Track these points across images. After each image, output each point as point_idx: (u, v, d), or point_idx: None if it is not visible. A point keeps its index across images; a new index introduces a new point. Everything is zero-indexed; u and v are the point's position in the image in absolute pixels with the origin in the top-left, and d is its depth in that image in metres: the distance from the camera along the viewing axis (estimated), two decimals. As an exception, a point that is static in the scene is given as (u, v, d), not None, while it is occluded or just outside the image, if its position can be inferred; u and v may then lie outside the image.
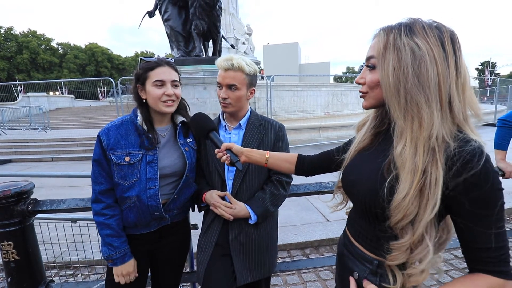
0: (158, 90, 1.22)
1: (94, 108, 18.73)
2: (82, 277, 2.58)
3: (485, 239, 0.63)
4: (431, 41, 0.65)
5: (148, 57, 1.28)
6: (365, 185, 0.78)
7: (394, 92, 0.69)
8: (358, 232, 0.85)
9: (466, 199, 0.63)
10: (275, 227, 1.46)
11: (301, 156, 1.14)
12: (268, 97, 8.18)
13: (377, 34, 0.74)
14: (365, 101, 0.81)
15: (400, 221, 0.67)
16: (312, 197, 3.73)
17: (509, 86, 14.10)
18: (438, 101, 0.66)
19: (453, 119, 0.67)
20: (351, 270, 0.85)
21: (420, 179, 0.64)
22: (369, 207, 0.75)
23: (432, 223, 0.67)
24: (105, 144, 1.21)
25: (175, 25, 9.08)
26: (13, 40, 43.26)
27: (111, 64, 52.55)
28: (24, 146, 9.19)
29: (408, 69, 0.66)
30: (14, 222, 1.30)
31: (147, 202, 1.24)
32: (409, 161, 0.66)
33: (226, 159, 1.13)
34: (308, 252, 2.96)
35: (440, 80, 0.65)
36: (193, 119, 1.27)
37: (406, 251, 0.69)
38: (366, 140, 0.87)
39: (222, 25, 11.44)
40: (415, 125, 0.67)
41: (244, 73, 1.28)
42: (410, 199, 0.64)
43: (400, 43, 0.67)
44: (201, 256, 1.34)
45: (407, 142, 0.67)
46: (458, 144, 0.64)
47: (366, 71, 0.78)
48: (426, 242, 0.66)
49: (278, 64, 37.66)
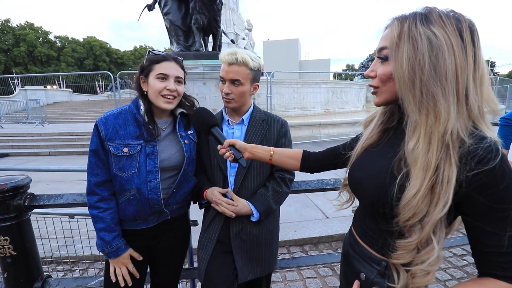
0: (160, 83, 1.20)
1: (92, 102, 18.64)
2: (80, 273, 2.56)
3: (497, 242, 0.60)
4: (448, 30, 0.61)
5: (157, 51, 1.25)
6: (372, 183, 0.75)
7: (409, 85, 0.65)
8: (365, 232, 0.83)
9: (480, 198, 0.60)
10: (277, 224, 1.45)
11: (306, 153, 1.11)
12: (268, 94, 8.16)
13: (390, 24, 0.69)
14: (378, 97, 0.77)
15: (409, 219, 0.64)
16: (311, 194, 3.73)
17: (508, 86, 14.14)
18: (455, 94, 0.62)
19: (469, 114, 0.63)
20: (358, 271, 0.82)
21: (432, 176, 0.61)
22: (376, 206, 0.73)
23: (441, 223, 0.64)
24: (103, 134, 1.18)
25: (174, 19, 8.97)
26: (10, 33, 42.84)
27: (110, 58, 52.20)
28: (21, 140, 9.13)
29: (425, 60, 0.62)
30: (10, 217, 1.28)
31: (148, 195, 1.21)
32: (422, 157, 0.63)
33: (229, 156, 1.10)
34: (307, 249, 2.96)
35: (458, 71, 0.61)
36: (194, 114, 1.24)
37: (412, 251, 0.66)
38: (374, 136, 0.84)
39: (222, 20, 11.36)
40: (430, 119, 0.63)
41: (248, 68, 1.25)
42: (421, 197, 0.62)
43: (416, 32, 0.63)
44: (202, 253, 1.33)
45: (421, 138, 0.64)
46: (473, 141, 0.61)
47: (378, 64, 0.73)
48: (434, 243, 0.64)
49: (278, 60, 37.52)
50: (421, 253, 0.65)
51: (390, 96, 0.74)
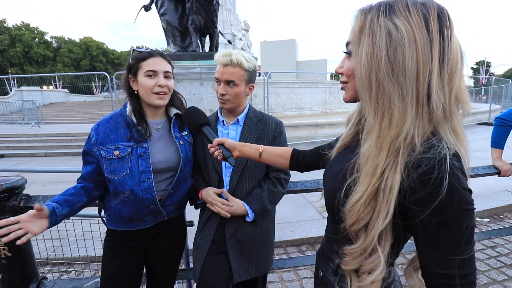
0: (150, 80, 1.20)
1: (89, 103, 18.53)
2: (76, 274, 2.55)
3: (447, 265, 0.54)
4: (413, 21, 0.54)
5: (141, 48, 1.26)
6: (328, 186, 0.74)
7: (366, 83, 0.59)
8: (327, 232, 0.83)
9: (421, 214, 0.53)
10: (272, 224, 1.45)
11: (295, 151, 1.10)
12: (265, 94, 8.16)
13: (355, 16, 0.63)
14: (345, 93, 0.72)
15: (353, 225, 0.62)
16: (308, 194, 3.73)
17: (503, 86, 14.25)
18: (414, 94, 0.55)
19: (431, 117, 0.56)
20: (318, 269, 0.83)
21: (376, 182, 0.57)
22: (329, 209, 0.73)
23: (387, 233, 0.60)
24: (93, 139, 1.21)
25: (171, 20, 8.96)
26: (6, 33, 42.45)
27: (106, 58, 51.89)
28: (17, 141, 9.06)
29: (382, 55, 0.55)
30: (5, 218, 1.27)
31: (142, 195, 1.21)
32: (371, 161, 0.58)
33: (218, 154, 1.10)
34: (304, 249, 2.97)
35: (420, 69, 0.54)
36: (185, 113, 1.25)
37: (358, 257, 0.63)
38: (348, 137, 0.80)
39: (219, 21, 11.33)
40: (384, 122, 0.57)
41: (243, 69, 1.25)
42: (364, 203, 0.58)
43: (376, 25, 0.57)
44: (197, 253, 1.33)
45: (373, 141, 0.59)
46: (422, 149, 0.54)
47: (345, 59, 0.69)
48: (378, 253, 0.60)
49: (275, 60, 37.50)
50: (367, 261, 0.62)
51: (354, 94, 0.69)
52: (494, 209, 3.62)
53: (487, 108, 12.18)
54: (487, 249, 2.80)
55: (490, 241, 2.90)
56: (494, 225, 3.35)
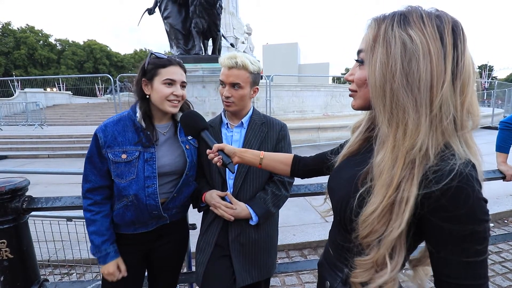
0: (167, 89, 1.20)
1: (92, 105, 18.61)
2: (77, 276, 2.54)
3: (464, 275, 0.54)
4: (428, 33, 0.55)
5: (159, 53, 1.24)
6: (338, 194, 0.72)
7: (380, 93, 0.59)
8: (333, 240, 0.81)
9: (435, 221, 0.54)
10: (276, 228, 1.44)
11: (296, 158, 1.08)
12: (267, 97, 8.17)
13: (368, 25, 0.64)
14: (354, 101, 0.73)
15: (367, 237, 0.61)
16: (310, 197, 3.71)
17: (506, 90, 14.20)
18: (428, 105, 0.55)
19: (444, 129, 0.56)
20: (324, 279, 0.80)
21: (392, 194, 0.56)
22: (339, 217, 0.71)
23: (400, 245, 0.59)
24: (101, 141, 1.18)
25: (174, 23, 9.03)
26: (11, 36, 42.90)
27: (110, 61, 52.30)
28: (20, 142, 9.09)
29: (397, 66, 0.56)
30: (7, 220, 1.27)
31: (146, 201, 1.21)
32: (386, 173, 0.58)
33: (217, 161, 1.07)
34: (306, 253, 2.94)
35: (434, 80, 0.54)
36: (183, 118, 1.17)
37: (370, 270, 0.62)
38: (356, 144, 0.79)
39: (222, 24, 11.40)
40: (399, 133, 0.57)
41: (248, 72, 1.25)
42: (379, 215, 0.58)
43: (391, 35, 0.57)
44: (200, 256, 1.32)
45: (387, 152, 0.58)
46: (436, 161, 0.54)
47: (356, 67, 0.70)
48: (388, 267, 0.59)
49: (277, 64, 37.57)
50: (378, 274, 0.61)
51: (365, 103, 0.70)
52: (498, 214, 3.58)
53: (490, 112, 12.14)
54: (492, 254, 2.76)
55: (495, 247, 2.86)
56: (498, 230, 3.31)
